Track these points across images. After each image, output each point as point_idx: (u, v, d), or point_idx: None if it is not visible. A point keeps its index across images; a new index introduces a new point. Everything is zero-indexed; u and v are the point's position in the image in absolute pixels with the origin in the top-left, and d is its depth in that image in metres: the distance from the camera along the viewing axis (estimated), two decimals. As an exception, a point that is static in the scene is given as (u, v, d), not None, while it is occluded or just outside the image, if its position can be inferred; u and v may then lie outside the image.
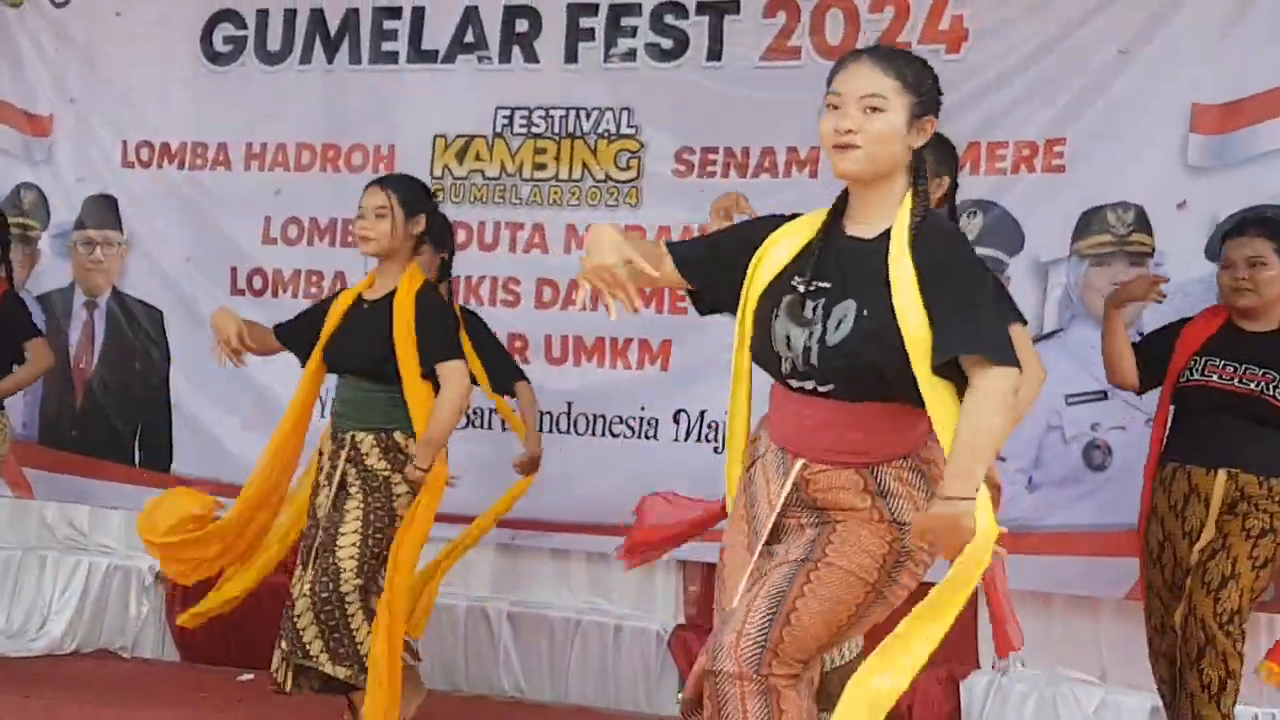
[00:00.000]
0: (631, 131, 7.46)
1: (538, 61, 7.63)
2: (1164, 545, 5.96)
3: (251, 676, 7.51)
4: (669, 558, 7.14)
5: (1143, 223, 6.67)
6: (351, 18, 7.94)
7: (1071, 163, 6.77)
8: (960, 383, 3.63)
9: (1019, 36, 6.86)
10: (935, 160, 5.13)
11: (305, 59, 7.98)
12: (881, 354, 3.73)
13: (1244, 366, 5.86)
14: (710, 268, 4.15)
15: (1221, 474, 5.84)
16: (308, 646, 5.92)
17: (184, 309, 8.15)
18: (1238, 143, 6.55)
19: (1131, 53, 6.69)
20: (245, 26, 8.07)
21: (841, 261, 3.91)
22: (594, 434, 7.41)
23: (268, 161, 8.10)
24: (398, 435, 6.08)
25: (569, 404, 7.33)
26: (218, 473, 7.96)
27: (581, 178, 7.53)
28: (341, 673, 5.93)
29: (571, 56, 7.58)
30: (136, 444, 8.20)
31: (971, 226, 6.53)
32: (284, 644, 6.05)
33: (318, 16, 7.97)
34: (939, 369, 3.63)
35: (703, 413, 7.15)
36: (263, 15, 8.04)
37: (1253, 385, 5.82)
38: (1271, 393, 5.83)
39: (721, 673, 3.78)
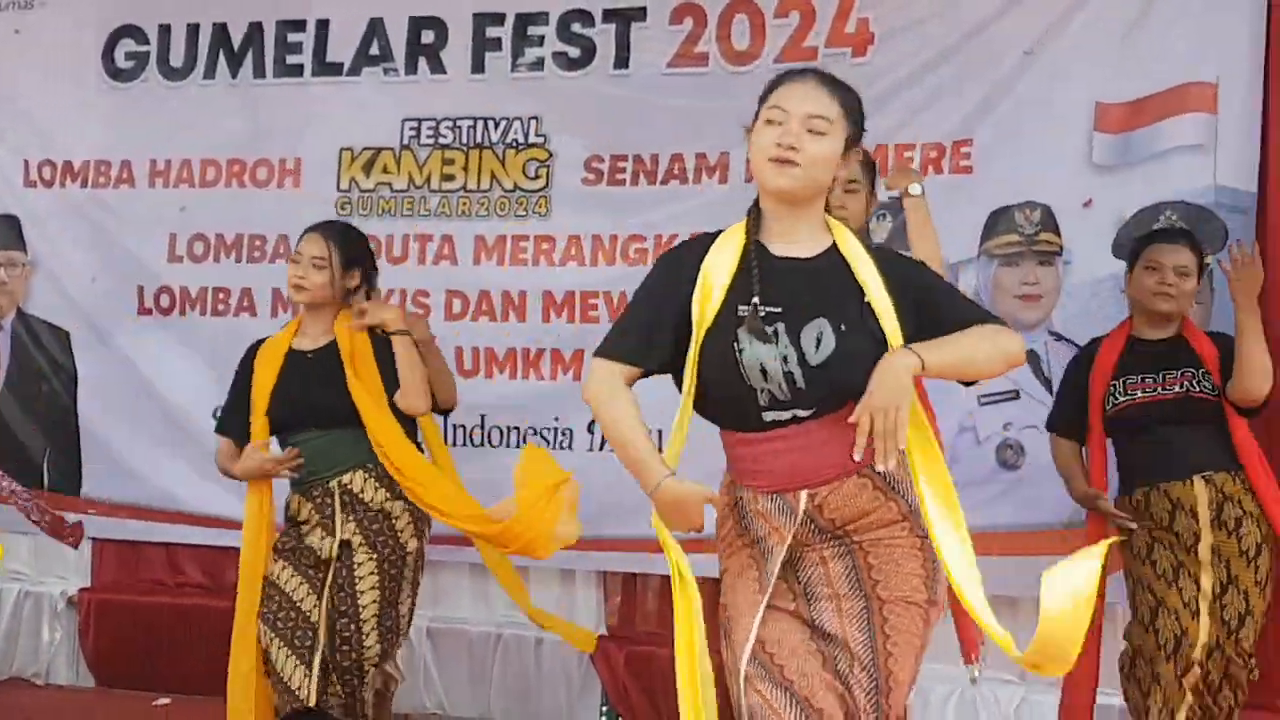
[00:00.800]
0: (540, 140, 7.49)
1: (445, 72, 7.65)
2: (1153, 545, 5.95)
3: (168, 701, 7.55)
4: (589, 570, 7.41)
5: (1050, 222, 6.77)
6: (255, 32, 7.93)
7: (978, 164, 6.86)
8: None
9: (924, 39, 6.94)
10: (865, 178, 5.33)
11: (209, 74, 7.95)
12: (868, 365, 3.77)
13: (1161, 374, 5.95)
14: (667, 344, 4.01)
15: (1198, 481, 5.86)
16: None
17: (91, 329, 8.14)
18: (1141, 141, 6.67)
19: (1036, 54, 6.78)
20: (147, 42, 8.04)
21: (787, 282, 3.93)
22: (508, 445, 7.43)
23: (172, 178, 8.06)
24: (382, 465, 5.93)
25: (482, 416, 7.35)
26: (127, 494, 7.99)
27: (490, 188, 7.55)
28: None
29: (479, 67, 7.60)
30: (45, 466, 8.16)
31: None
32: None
33: (221, 31, 7.96)
34: None
35: (616, 422, 7.14)
36: (165, 30, 8.01)
37: (1176, 389, 5.91)
38: (1196, 388, 5.91)
39: None
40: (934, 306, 3.94)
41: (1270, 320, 6.06)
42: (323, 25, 7.81)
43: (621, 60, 7.38)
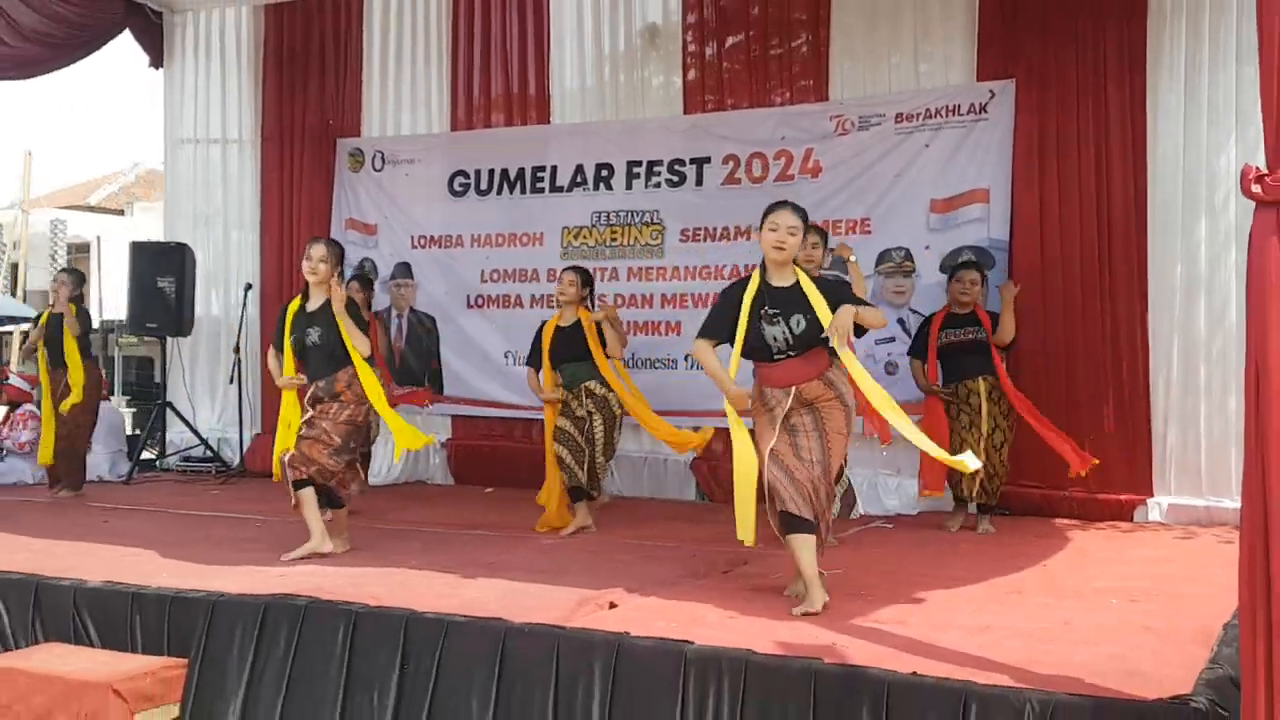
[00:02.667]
0: (659, 222, 7.70)
1: (611, 189, 7.87)
2: (959, 413, 5.98)
3: (491, 489, 7.72)
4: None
5: (908, 257, 6.96)
6: (521, 171, 8.11)
7: (875, 229, 7.06)
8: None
9: (847, 170, 7.16)
10: (821, 239, 5.66)
11: (499, 192, 8.17)
12: (817, 331, 4.15)
13: (964, 329, 5.98)
14: (729, 330, 4.28)
15: (980, 380, 5.93)
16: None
17: (445, 317, 8.29)
18: (952, 217, 6.88)
19: (901, 175, 7.01)
20: (469, 178, 8.31)
21: (779, 298, 4.22)
22: (651, 368, 7.46)
23: (480, 242, 8.22)
24: (604, 376, 6.01)
25: (634, 353, 7.10)
26: (465, 393, 8.19)
27: (633, 244, 7.77)
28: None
29: (629, 186, 7.80)
30: (426, 379, 8.27)
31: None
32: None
33: (504, 171, 8.15)
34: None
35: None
36: (477, 172, 8.25)
37: (971, 336, 5.95)
38: (980, 336, 5.93)
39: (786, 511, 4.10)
40: (842, 300, 4.18)
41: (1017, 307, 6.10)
42: (553, 168, 8.08)
43: (698, 181, 7.64)
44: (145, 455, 8.95)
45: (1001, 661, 3.29)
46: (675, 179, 7.76)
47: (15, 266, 21.50)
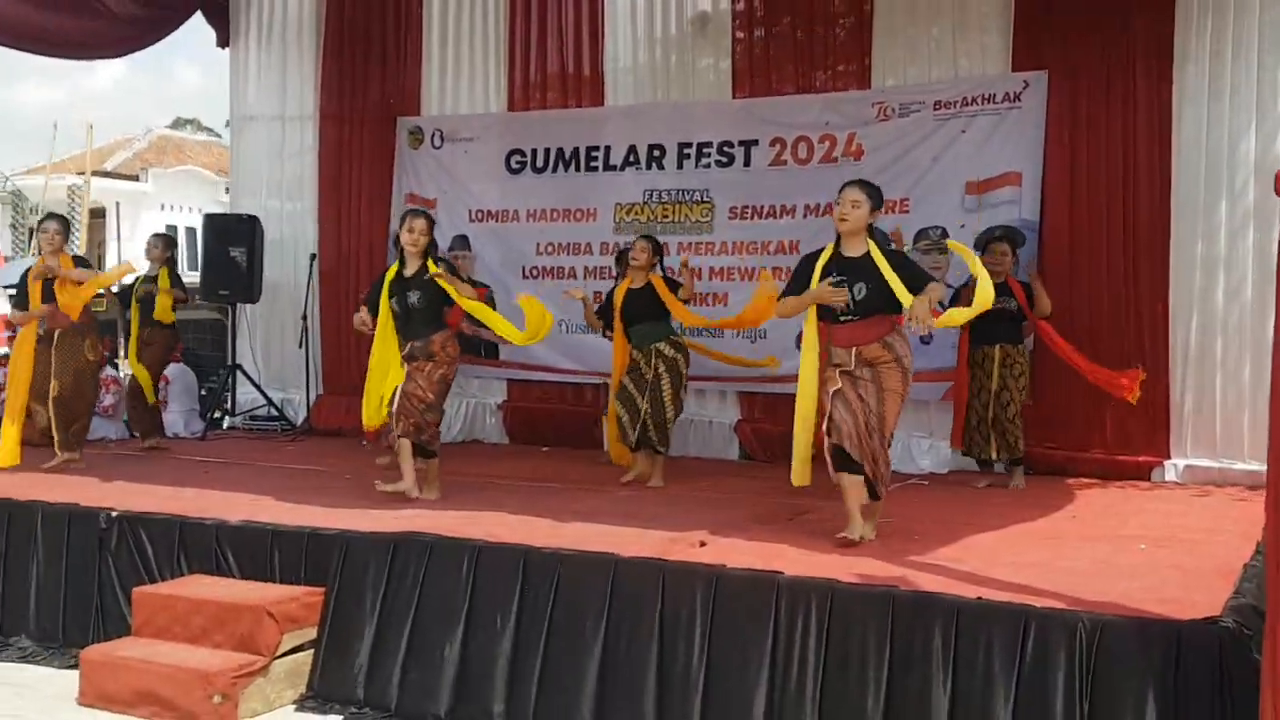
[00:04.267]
0: (709, 200, 8.08)
1: (664, 169, 8.20)
2: (976, 378, 6.43)
3: (548, 449, 8.09)
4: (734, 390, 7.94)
5: (944, 235, 7.25)
6: (576, 150, 8.45)
7: (913, 208, 7.44)
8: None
9: (887, 154, 7.52)
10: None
11: (554, 170, 8.50)
12: (876, 299, 4.54)
13: (1000, 299, 5.91)
14: (802, 290, 4.72)
15: (997, 348, 6.37)
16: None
17: (500, 286, 8.42)
18: (986, 198, 7.25)
19: (939, 158, 7.39)
20: (525, 156, 8.66)
21: (847, 266, 4.63)
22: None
23: (536, 217, 8.57)
24: (676, 338, 6.46)
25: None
26: (519, 358, 8.45)
27: (683, 220, 8.13)
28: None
29: (679, 165, 8.17)
30: (482, 346, 8.46)
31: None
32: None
33: (559, 150, 8.52)
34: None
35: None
36: (533, 151, 8.59)
37: (1000, 305, 6.01)
38: (1010, 306, 6.28)
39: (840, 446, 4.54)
40: (909, 272, 4.57)
41: (1047, 281, 6.65)
42: (607, 148, 8.43)
43: (746, 162, 8.01)
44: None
45: (1052, 590, 3.78)
46: (724, 160, 8.14)
47: (31, 231, 21.85)
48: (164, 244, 8.21)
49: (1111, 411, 6.89)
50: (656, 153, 8.37)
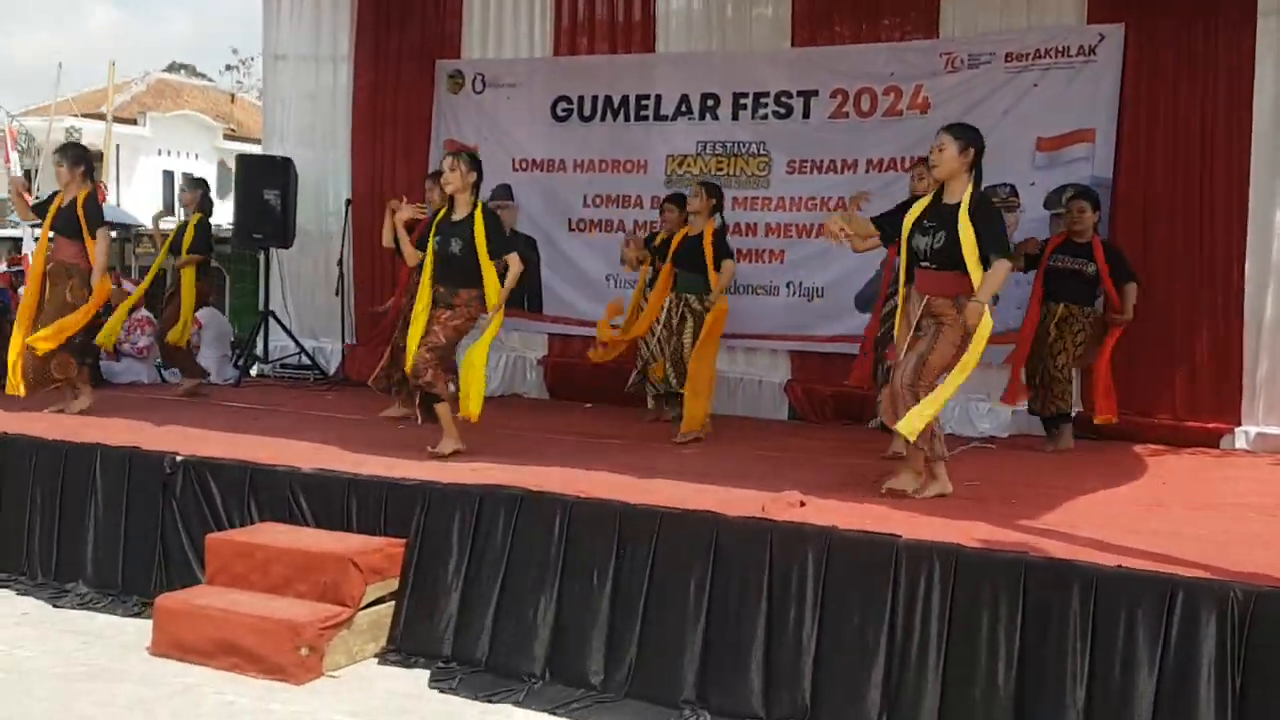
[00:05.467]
0: (765, 154, 7.84)
1: (718, 119, 7.98)
2: (1039, 334, 6.36)
3: (590, 405, 7.93)
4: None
5: (1014, 193, 7.11)
6: (625, 99, 8.22)
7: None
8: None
9: (955, 106, 7.16)
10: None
11: (603, 119, 8.26)
12: (948, 252, 4.42)
13: (1075, 258, 6.26)
14: (889, 226, 4.74)
15: (1061, 305, 6.31)
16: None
17: (545, 238, 8.39)
18: (1058, 155, 7.04)
19: (1009, 113, 7.15)
20: (572, 103, 8.42)
21: (939, 212, 4.54)
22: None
23: (584, 168, 8.33)
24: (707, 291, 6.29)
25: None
26: (562, 312, 8.39)
27: (738, 173, 7.90)
28: None
29: (735, 116, 7.92)
30: (525, 298, 8.28)
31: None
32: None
33: (608, 99, 8.26)
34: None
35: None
36: (580, 98, 8.37)
37: (1076, 266, 6.26)
38: (1087, 270, 6.25)
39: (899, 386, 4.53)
40: (982, 234, 4.39)
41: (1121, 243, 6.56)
42: (658, 97, 8.18)
43: (805, 114, 7.76)
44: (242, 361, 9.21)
45: (1188, 559, 3.62)
46: (782, 111, 7.90)
47: (27, 173, 21.52)
48: (197, 189, 7.92)
49: (1181, 377, 6.79)
50: (710, 102, 8.13)
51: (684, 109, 8.20)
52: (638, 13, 8.37)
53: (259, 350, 9.30)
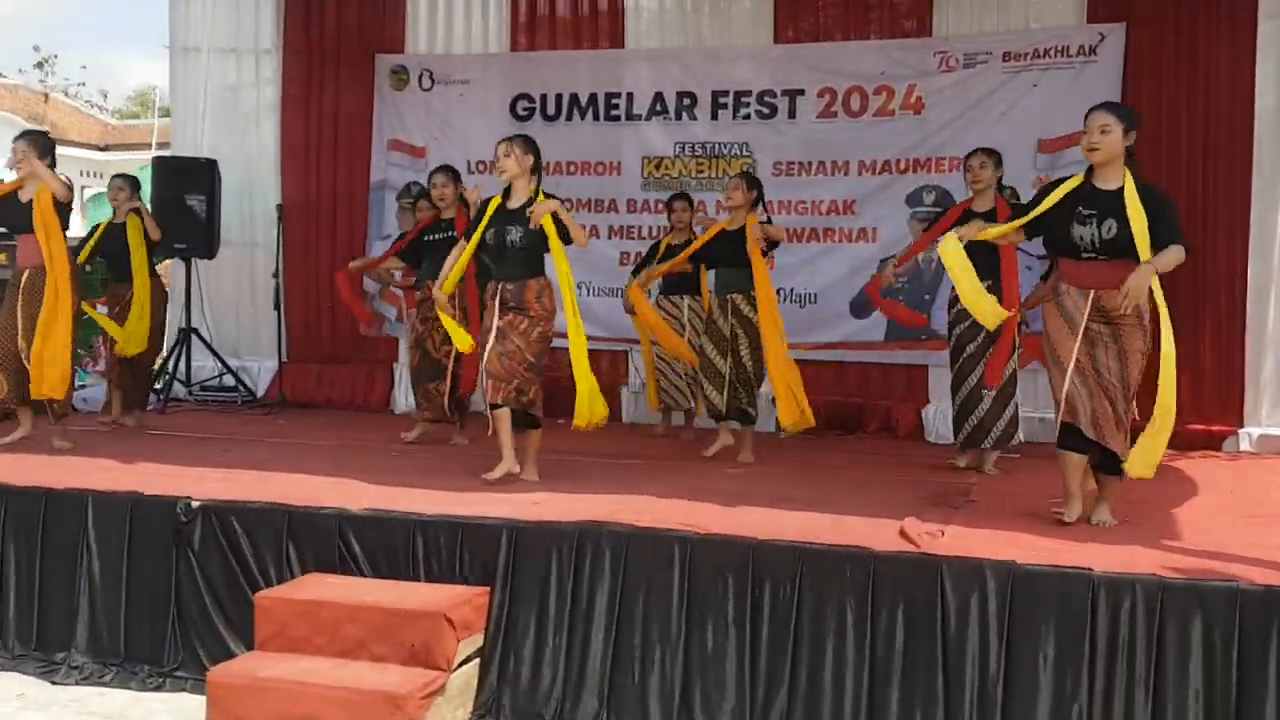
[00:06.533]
0: (749, 155, 7.52)
1: (696, 119, 7.64)
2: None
3: None
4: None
5: (1015, 195, 6.30)
6: (593, 98, 7.79)
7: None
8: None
9: (950, 106, 7.13)
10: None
11: (568, 119, 7.82)
12: (1127, 241, 4.02)
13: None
14: (1039, 226, 4.33)
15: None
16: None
17: None
18: (1060, 158, 6.90)
19: (1007, 114, 7.02)
20: (534, 102, 7.94)
21: (1098, 199, 4.12)
22: None
23: (549, 170, 7.30)
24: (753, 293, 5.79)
25: None
26: None
27: (721, 176, 7.44)
28: None
29: (714, 116, 7.59)
30: None
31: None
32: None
33: (573, 97, 7.82)
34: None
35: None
36: (544, 97, 7.90)
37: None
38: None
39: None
40: (1159, 221, 4.02)
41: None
42: (629, 95, 7.78)
43: (790, 114, 7.47)
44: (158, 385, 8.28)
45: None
46: (766, 111, 7.58)
47: None
48: (129, 186, 7.09)
49: (1184, 379, 6.52)
50: (687, 101, 7.76)
51: (658, 108, 7.82)
52: (604, 5, 7.94)
53: (179, 373, 8.34)
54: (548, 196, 5.07)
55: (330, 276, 8.42)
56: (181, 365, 8.22)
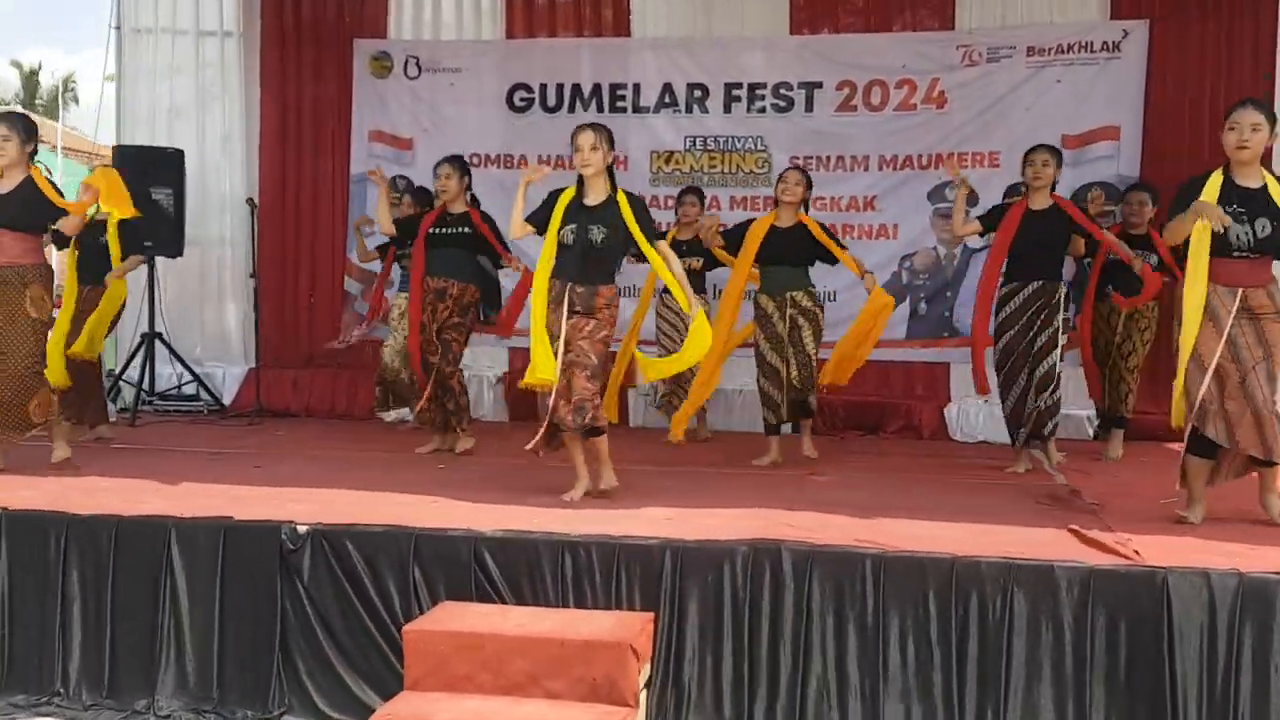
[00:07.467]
0: (764, 150, 7.38)
1: (707, 112, 7.46)
2: (1098, 327, 6.07)
3: None
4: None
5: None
6: (596, 88, 7.57)
7: (1003, 163, 7.00)
8: None
9: (974, 101, 7.09)
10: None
11: (570, 110, 7.50)
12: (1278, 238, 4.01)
13: (1140, 252, 5.77)
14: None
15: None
16: None
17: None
18: (1084, 152, 6.95)
19: (1031, 109, 7.00)
20: (533, 92, 7.64)
21: (1246, 197, 4.05)
22: None
23: (549, 164, 7.18)
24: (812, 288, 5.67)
25: None
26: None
27: (735, 171, 7.42)
28: None
29: (727, 110, 7.42)
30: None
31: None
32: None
33: (575, 87, 7.60)
34: None
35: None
36: (544, 86, 7.63)
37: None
38: (1150, 262, 5.75)
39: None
40: None
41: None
42: (636, 86, 7.55)
43: (808, 108, 7.33)
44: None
45: None
46: (782, 104, 7.41)
47: None
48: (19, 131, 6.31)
49: None
50: (698, 93, 7.54)
51: (667, 100, 7.57)
52: (609, -10, 7.61)
53: (141, 380, 7.67)
54: (628, 195, 4.72)
55: (309, 274, 7.98)
56: (142, 373, 7.58)
